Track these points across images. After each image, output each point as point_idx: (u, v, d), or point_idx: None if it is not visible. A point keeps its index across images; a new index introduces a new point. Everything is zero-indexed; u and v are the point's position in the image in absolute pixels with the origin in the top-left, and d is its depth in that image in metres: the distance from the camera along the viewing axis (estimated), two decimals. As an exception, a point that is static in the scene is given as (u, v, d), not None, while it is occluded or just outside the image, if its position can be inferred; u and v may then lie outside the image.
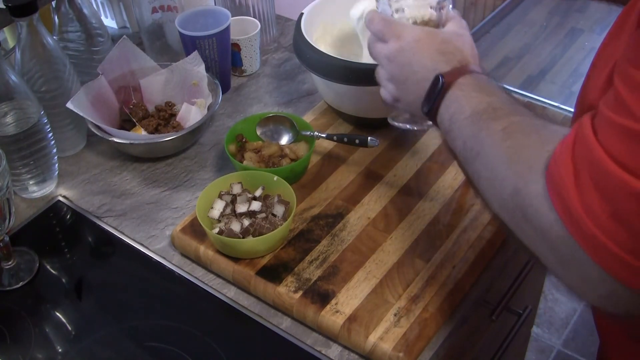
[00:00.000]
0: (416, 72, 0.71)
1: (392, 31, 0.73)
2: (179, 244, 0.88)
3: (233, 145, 0.97)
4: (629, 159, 0.47)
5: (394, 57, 0.72)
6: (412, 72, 0.71)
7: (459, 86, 0.67)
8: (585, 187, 0.49)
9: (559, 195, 0.51)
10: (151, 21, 1.16)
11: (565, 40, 3.02)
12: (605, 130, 0.50)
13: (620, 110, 0.49)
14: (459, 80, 0.67)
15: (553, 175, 0.52)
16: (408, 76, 0.72)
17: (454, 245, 0.85)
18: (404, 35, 0.72)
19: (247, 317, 0.81)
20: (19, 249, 0.90)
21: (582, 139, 0.51)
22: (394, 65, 0.73)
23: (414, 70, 0.71)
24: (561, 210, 0.51)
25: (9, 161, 0.85)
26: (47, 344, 0.80)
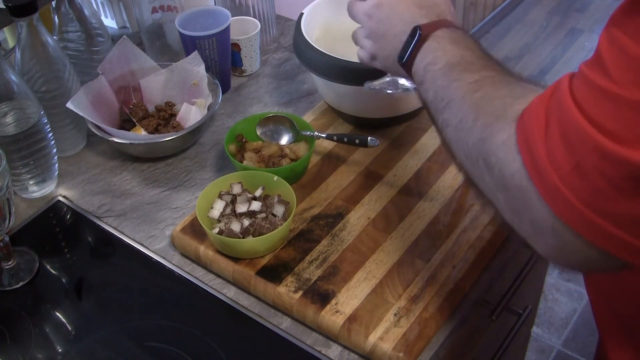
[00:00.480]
0: (394, 25, 0.72)
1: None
2: (179, 244, 0.88)
3: (233, 145, 0.97)
4: (597, 114, 0.48)
5: (373, 12, 0.75)
6: (390, 26, 0.73)
7: (436, 38, 0.68)
8: (552, 138, 0.50)
9: (526, 144, 0.52)
10: (151, 21, 1.16)
11: (565, 40, 3.02)
12: (579, 86, 0.50)
13: (596, 68, 0.49)
14: (436, 33, 0.68)
15: (524, 124, 0.53)
16: (386, 30, 0.74)
17: (454, 245, 0.85)
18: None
19: (247, 317, 0.81)
20: (19, 249, 0.90)
21: (557, 93, 0.52)
22: (372, 21, 0.75)
23: (392, 24, 0.73)
24: (527, 158, 0.52)
25: (9, 161, 0.85)
26: (47, 344, 0.80)
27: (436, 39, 0.68)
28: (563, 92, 0.51)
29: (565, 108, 0.50)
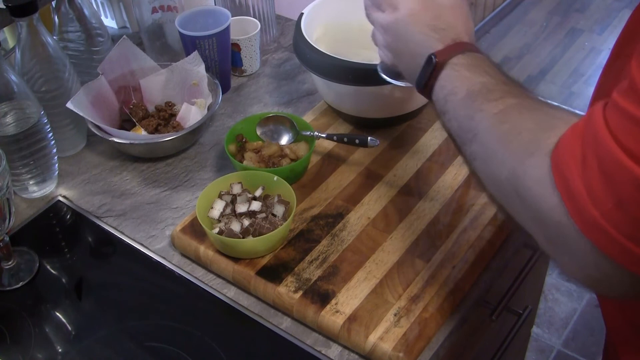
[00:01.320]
0: (410, 47, 0.71)
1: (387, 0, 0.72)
2: (179, 244, 0.88)
3: (233, 145, 0.97)
4: (636, 146, 0.47)
5: (389, 28, 0.72)
6: (406, 46, 0.71)
7: (452, 66, 0.66)
8: (590, 172, 0.49)
9: (563, 178, 0.51)
10: (151, 21, 1.16)
11: (565, 40, 3.02)
12: (614, 117, 0.49)
13: (631, 97, 0.48)
14: (452, 60, 0.67)
15: (559, 157, 0.52)
16: (403, 49, 0.72)
17: (454, 245, 0.85)
18: (400, 5, 0.71)
19: (247, 317, 0.81)
20: (19, 249, 0.90)
21: (591, 125, 0.50)
22: (389, 35, 0.73)
23: (408, 44, 0.71)
24: (564, 193, 0.51)
25: (9, 161, 0.85)
26: (47, 344, 0.80)
27: (453, 67, 0.66)
28: (597, 123, 0.50)
29: (601, 141, 0.49)
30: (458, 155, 0.98)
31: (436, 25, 0.70)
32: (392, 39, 0.73)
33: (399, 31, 0.71)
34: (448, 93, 0.66)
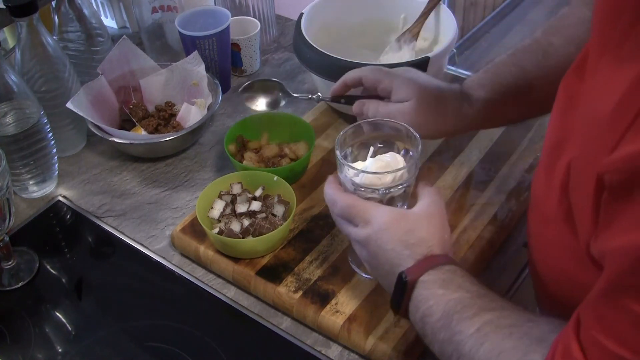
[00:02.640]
0: (383, 264, 0.69)
1: (360, 216, 0.70)
2: (179, 244, 0.88)
3: (233, 145, 0.97)
4: None
5: (365, 243, 0.70)
6: (379, 264, 0.69)
7: (424, 285, 0.64)
8: None
9: None
10: (151, 21, 1.16)
11: (565, 40, 3.02)
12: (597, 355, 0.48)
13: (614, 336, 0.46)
14: (423, 278, 0.65)
15: None
16: (377, 266, 0.70)
17: (454, 245, 0.85)
18: (371, 221, 0.69)
19: (247, 317, 0.81)
20: (19, 249, 0.90)
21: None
22: (364, 251, 0.71)
23: (380, 262, 0.69)
24: None
25: (9, 161, 0.85)
26: (47, 344, 0.80)
27: (425, 286, 0.64)
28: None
29: None
30: (458, 155, 0.98)
31: (407, 240, 0.67)
32: (368, 254, 0.70)
33: (372, 247, 0.69)
34: (423, 315, 0.64)
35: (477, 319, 0.60)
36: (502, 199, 0.91)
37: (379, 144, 0.76)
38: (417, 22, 1.06)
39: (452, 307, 0.62)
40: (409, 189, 0.73)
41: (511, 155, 0.97)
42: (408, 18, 1.10)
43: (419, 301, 0.64)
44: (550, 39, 0.82)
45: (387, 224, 0.68)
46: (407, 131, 0.74)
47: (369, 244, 0.69)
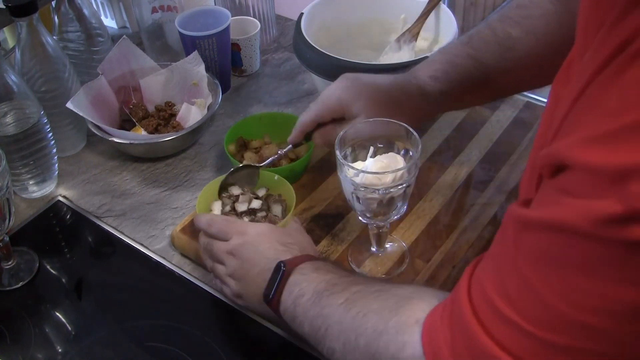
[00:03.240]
0: (258, 264, 0.72)
1: (235, 228, 0.75)
2: (179, 244, 0.88)
3: (233, 145, 0.97)
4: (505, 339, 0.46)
5: (237, 251, 0.74)
6: (254, 265, 0.72)
7: (300, 270, 0.68)
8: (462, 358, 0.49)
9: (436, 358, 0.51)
10: (151, 21, 1.16)
11: (565, 40, 3.01)
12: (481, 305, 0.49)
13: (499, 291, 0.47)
14: (300, 266, 0.69)
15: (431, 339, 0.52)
16: (250, 269, 0.73)
17: (454, 245, 0.85)
18: (248, 230, 0.74)
19: (247, 317, 0.81)
20: (19, 249, 0.90)
21: (457, 307, 0.50)
22: (235, 260, 0.74)
23: (256, 262, 0.72)
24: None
25: (9, 161, 0.85)
26: (47, 344, 0.80)
27: (300, 271, 0.68)
28: (464, 308, 0.49)
29: (469, 327, 0.48)
30: (458, 155, 0.98)
31: (284, 241, 0.74)
32: (239, 262, 0.74)
33: (247, 252, 0.73)
34: (296, 296, 0.67)
35: (346, 292, 0.63)
36: (502, 199, 0.91)
37: (379, 144, 0.76)
38: (417, 22, 1.06)
39: (323, 287, 0.65)
40: (408, 189, 0.73)
41: (511, 155, 0.98)
42: (408, 18, 1.10)
43: (293, 285, 0.67)
44: (508, 30, 0.81)
45: (264, 232, 0.74)
46: (407, 131, 0.74)
47: (243, 250, 0.73)
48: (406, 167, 0.71)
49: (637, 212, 0.37)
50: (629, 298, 0.40)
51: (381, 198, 0.72)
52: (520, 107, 1.06)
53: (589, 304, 0.42)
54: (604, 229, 0.39)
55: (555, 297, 0.43)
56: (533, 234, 0.45)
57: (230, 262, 0.74)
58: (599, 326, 0.42)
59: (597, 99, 0.41)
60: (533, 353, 0.45)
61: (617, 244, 0.39)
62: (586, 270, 0.41)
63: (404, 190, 0.72)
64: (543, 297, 0.44)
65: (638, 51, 0.39)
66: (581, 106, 0.43)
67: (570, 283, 0.42)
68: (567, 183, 0.42)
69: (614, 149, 0.39)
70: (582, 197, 0.41)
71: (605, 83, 0.41)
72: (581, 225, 0.40)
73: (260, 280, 0.71)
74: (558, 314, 0.43)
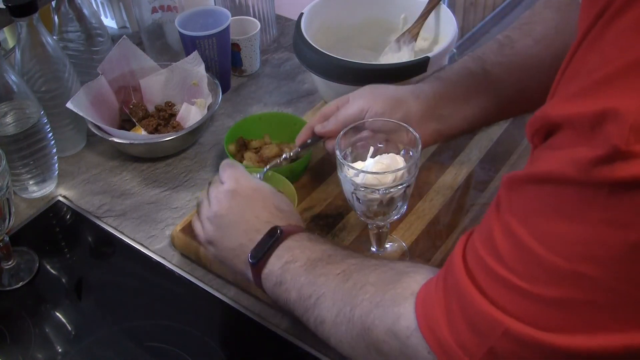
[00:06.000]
0: (247, 220, 0.70)
1: (231, 174, 0.73)
2: (179, 244, 0.88)
3: (233, 145, 0.97)
4: (500, 298, 0.46)
5: (226, 198, 0.71)
6: (241, 218, 0.70)
7: (294, 237, 0.67)
8: (457, 324, 0.49)
9: (431, 331, 0.51)
10: (151, 21, 1.16)
11: (565, 40, 3.01)
12: (475, 267, 0.49)
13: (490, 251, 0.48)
14: (294, 235, 0.68)
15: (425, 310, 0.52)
16: (236, 221, 0.70)
17: (454, 245, 0.85)
18: (241, 181, 0.72)
19: (247, 317, 0.81)
20: (19, 249, 0.90)
21: (452, 273, 0.51)
22: (223, 205, 0.71)
23: (245, 217, 0.70)
24: (434, 345, 0.51)
25: (9, 161, 0.85)
26: (47, 344, 0.80)
27: (294, 239, 0.67)
28: (458, 272, 0.50)
29: (464, 291, 0.49)
30: (458, 155, 0.98)
31: (281, 207, 0.72)
32: (226, 209, 0.71)
33: (237, 202, 0.71)
34: (286, 262, 0.66)
35: (343, 264, 0.62)
36: (502, 199, 0.91)
37: (379, 144, 0.76)
38: (417, 23, 1.06)
39: (319, 256, 0.64)
40: (408, 189, 0.73)
41: (511, 155, 0.97)
42: (408, 18, 1.10)
43: (284, 250, 0.66)
44: (507, 33, 0.84)
45: (259, 187, 0.73)
46: (407, 131, 0.74)
47: (235, 198, 0.71)
48: (406, 167, 0.71)
49: (616, 150, 0.39)
50: (616, 241, 0.41)
51: (381, 198, 0.72)
52: (520, 107, 1.06)
53: (577, 251, 0.42)
54: (588, 173, 0.40)
55: (544, 249, 0.44)
56: (521, 191, 0.46)
57: (216, 205, 0.72)
58: (588, 273, 0.42)
59: (580, 62, 0.44)
60: (528, 310, 0.45)
61: (602, 186, 0.40)
62: (574, 217, 0.42)
63: (404, 190, 0.72)
64: (533, 251, 0.44)
65: (615, 11, 0.41)
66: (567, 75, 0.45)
67: (558, 232, 0.43)
68: (554, 141, 0.44)
69: (592, 99, 0.41)
70: (566, 147, 0.42)
71: (587, 48, 0.43)
72: (566, 172, 0.42)
73: (245, 238, 0.69)
74: (549, 267, 0.44)
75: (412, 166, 0.72)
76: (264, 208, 0.71)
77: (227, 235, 0.71)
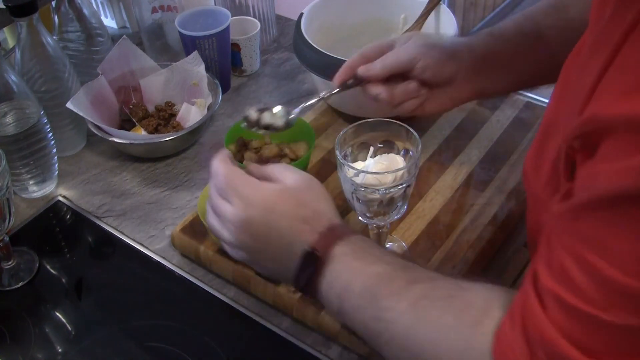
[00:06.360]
0: (275, 245, 0.62)
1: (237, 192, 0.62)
2: (179, 244, 0.88)
3: (233, 145, 0.97)
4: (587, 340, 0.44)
5: (243, 225, 0.62)
6: (268, 244, 0.62)
7: (337, 258, 0.59)
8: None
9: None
10: (151, 21, 1.16)
11: (565, 40, 3.01)
12: (554, 308, 0.46)
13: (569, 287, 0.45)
14: (335, 252, 0.59)
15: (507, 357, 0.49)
16: (264, 248, 0.62)
17: (454, 245, 0.85)
18: (252, 200, 0.62)
19: (247, 317, 0.81)
20: (19, 249, 0.90)
21: (531, 316, 0.48)
22: (242, 233, 0.62)
23: (271, 242, 0.62)
24: None
25: (9, 161, 0.85)
26: (47, 344, 0.80)
27: (338, 260, 0.59)
28: (537, 315, 0.47)
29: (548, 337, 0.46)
30: (458, 155, 0.98)
31: (303, 214, 0.61)
32: (248, 237, 0.62)
33: (257, 229, 0.61)
34: (341, 290, 0.58)
35: (408, 294, 0.55)
36: (502, 199, 0.91)
37: (379, 144, 0.76)
38: (417, 23, 1.06)
39: (375, 282, 0.57)
40: (408, 189, 0.73)
41: (511, 155, 0.98)
42: (408, 18, 1.10)
43: (334, 277, 0.59)
44: None
45: (272, 201, 0.61)
46: (407, 131, 0.74)
47: (253, 226, 0.61)
48: (406, 167, 0.71)
49: None
50: None
51: (381, 198, 0.72)
52: (520, 107, 1.06)
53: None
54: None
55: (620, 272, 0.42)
56: (588, 218, 0.43)
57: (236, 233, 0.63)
58: None
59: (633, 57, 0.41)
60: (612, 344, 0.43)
61: None
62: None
63: (404, 190, 0.72)
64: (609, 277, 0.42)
65: None
66: (615, 68, 0.42)
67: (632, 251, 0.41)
68: (608, 150, 0.41)
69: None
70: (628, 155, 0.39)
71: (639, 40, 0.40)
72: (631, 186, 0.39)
73: (280, 262, 0.62)
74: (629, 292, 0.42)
75: (412, 166, 0.72)
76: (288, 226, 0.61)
77: (262, 261, 0.64)
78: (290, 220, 0.61)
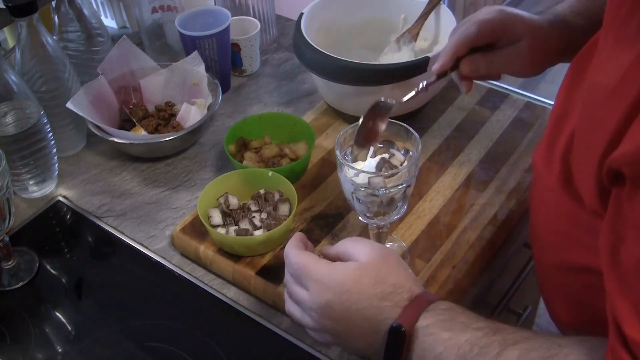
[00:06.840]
0: (358, 325, 0.60)
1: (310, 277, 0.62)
2: (179, 244, 0.88)
3: (233, 145, 0.97)
4: None
5: (323, 312, 0.61)
6: (352, 326, 0.61)
7: (425, 331, 0.58)
8: None
9: None
10: (151, 21, 1.16)
11: (565, 40, 3.01)
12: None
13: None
14: (420, 324, 0.58)
15: None
16: (349, 330, 0.61)
17: (454, 245, 0.85)
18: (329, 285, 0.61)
19: (247, 317, 0.81)
20: (19, 249, 0.90)
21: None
22: (324, 318, 0.62)
23: (354, 323, 0.60)
24: None
25: (9, 161, 0.85)
26: (47, 344, 0.80)
27: (425, 332, 0.58)
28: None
29: None
30: (458, 155, 0.98)
31: (382, 291, 0.60)
32: (330, 322, 0.62)
33: (337, 313, 0.61)
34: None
35: None
36: (502, 199, 0.91)
37: (379, 144, 0.76)
38: (417, 23, 1.06)
39: (468, 351, 0.55)
40: (408, 189, 0.73)
41: (511, 155, 0.98)
42: (408, 18, 1.10)
43: (424, 350, 0.58)
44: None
45: (349, 283, 0.61)
46: (407, 131, 0.74)
47: (333, 310, 0.61)
48: (406, 167, 0.71)
49: None
50: None
51: (381, 198, 0.72)
52: (520, 107, 1.06)
53: None
54: None
55: None
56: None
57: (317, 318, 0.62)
58: None
59: None
60: None
61: None
62: None
63: (404, 190, 0.73)
64: None
65: None
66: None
67: None
68: None
69: None
70: None
71: None
72: None
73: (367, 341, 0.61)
74: None
75: (412, 166, 0.72)
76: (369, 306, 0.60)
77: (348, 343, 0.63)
78: (370, 299, 0.60)
